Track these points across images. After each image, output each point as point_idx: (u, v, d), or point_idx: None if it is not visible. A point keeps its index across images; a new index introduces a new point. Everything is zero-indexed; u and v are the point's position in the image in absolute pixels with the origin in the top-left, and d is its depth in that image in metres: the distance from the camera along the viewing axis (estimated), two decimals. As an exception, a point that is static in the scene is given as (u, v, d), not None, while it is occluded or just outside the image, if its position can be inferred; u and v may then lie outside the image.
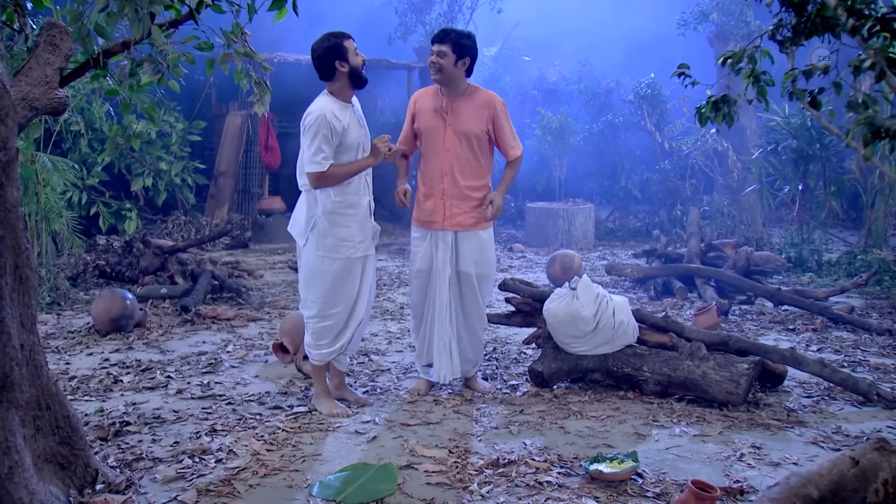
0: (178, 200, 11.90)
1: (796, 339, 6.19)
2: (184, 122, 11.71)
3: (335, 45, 4.37)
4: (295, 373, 5.12)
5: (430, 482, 3.49)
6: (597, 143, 13.02)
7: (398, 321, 6.85)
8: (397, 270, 9.71)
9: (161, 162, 11.32)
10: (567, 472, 3.59)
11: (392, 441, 4.00)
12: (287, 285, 8.48)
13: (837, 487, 1.99)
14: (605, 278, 8.74)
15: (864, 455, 2.06)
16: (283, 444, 3.90)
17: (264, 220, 11.86)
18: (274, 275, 9.19)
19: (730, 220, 10.60)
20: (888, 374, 5.25)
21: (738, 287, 7.46)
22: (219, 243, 11.08)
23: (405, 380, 5.08)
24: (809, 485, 1.98)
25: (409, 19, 13.35)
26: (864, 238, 9.85)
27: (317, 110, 4.33)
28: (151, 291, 7.26)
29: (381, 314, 7.13)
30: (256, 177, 12.74)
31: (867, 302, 7.67)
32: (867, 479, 2.00)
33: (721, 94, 2.55)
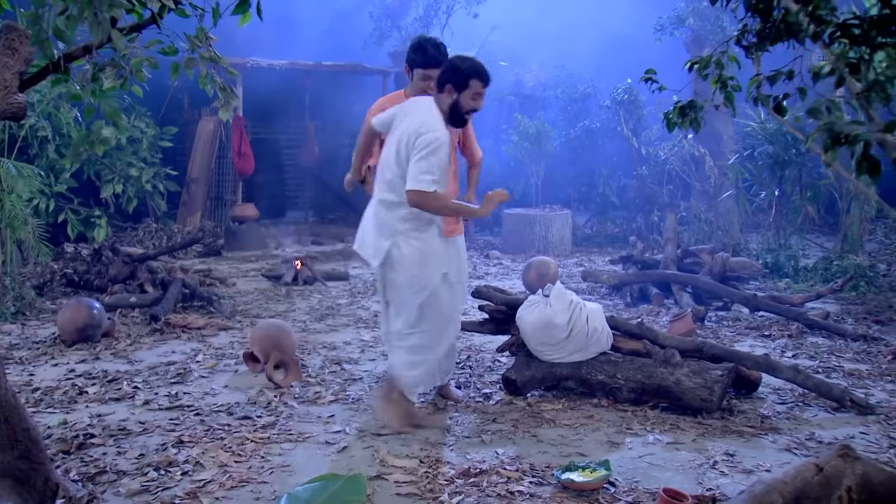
0: (149, 207, 11.81)
1: (772, 345, 6.24)
2: (155, 128, 11.63)
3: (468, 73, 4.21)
4: (265, 382, 5.08)
5: (400, 492, 3.48)
6: (574, 148, 13.07)
7: (371, 329, 6.83)
8: (372, 278, 9.68)
9: (131, 168, 11.23)
10: (539, 481, 3.59)
11: (362, 451, 3.98)
12: (260, 293, 8.44)
13: (801, 495, 2.00)
14: (581, 285, 8.76)
15: (829, 462, 2.07)
16: (251, 455, 3.88)
17: (237, 228, 11.80)
18: (247, 283, 9.14)
19: (707, 226, 10.67)
20: (862, 380, 5.31)
21: (715, 293, 7.52)
22: (191, 251, 11.00)
23: (377, 388, 5.05)
24: (773, 492, 1.99)
25: (385, 24, 13.37)
26: (840, 243, 9.95)
27: (440, 130, 4.16)
28: (120, 300, 7.19)
29: (354, 322, 7.11)
30: (229, 183, 12.68)
31: (843, 307, 7.75)
32: (831, 487, 2.02)
33: (688, 100, 2.57)
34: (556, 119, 13.59)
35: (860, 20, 1.83)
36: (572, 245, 12.04)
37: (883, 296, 8.16)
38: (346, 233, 13.64)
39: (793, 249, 9.71)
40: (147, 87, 3.47)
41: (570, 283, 8.90)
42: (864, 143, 1.74)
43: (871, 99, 1.82)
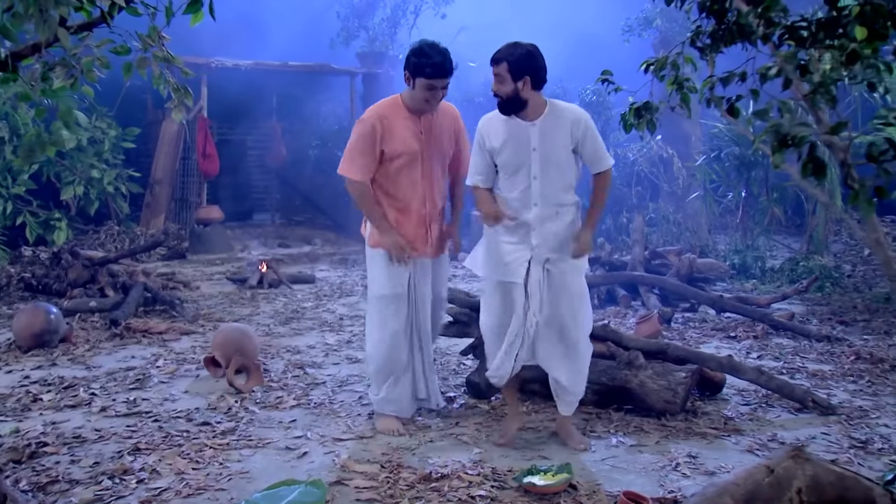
0: (111, 210, 11.67)
1: (737, 347, 6.31)
2: (117, 129, 11.49)
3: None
4: (226, 387, 5.04)
5: (360, 498, 3.46)
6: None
7: (336, 332, 6.80)
8: (339, 281, 9.65)
9: (93, 170, 11.09)
10: (500, 485, 3.59)
11: (323, 456, 3.96)
12: (224, 297, 8.37)
13: (752, 497, 2.02)
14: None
15: (780, 464, 2.09)
16: (210, 461, 3.84)
17: (202, 230, 11.70)
18: (211, 286, 9.06)
19: (675, 227, 10.76)
20: (825, 381, 5.37)
21: (682, 295, 7.58)
22: (154, 254, 10.90)
23: (340, 393, 5.04)
24: (725, 495, 2.00)
25: (352, 24, 13.35)
26: (806, 244, 10.08)
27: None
28: (79, 305, 7.09)
29: (318, 326, 7.07)
30: (194, 185, 12.58)
31: (808, 308, 7.85)
32: (782, 488, 2.04)
33: (643, 102, 2.59)
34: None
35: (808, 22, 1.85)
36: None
37: (847, 296, 8.29)
38: (314, 235, 13.61)
39: (760, 250, 9.82)
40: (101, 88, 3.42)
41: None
42: (809, 145, 1.76)
43: (816, 101, 1.85)
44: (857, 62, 1.72)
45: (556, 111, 3.95)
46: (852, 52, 1.72)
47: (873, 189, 1.73)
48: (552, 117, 3.93)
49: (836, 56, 1.74)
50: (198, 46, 11.46)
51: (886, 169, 1.71)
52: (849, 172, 1.78)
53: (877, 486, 2.13)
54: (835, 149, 1.86)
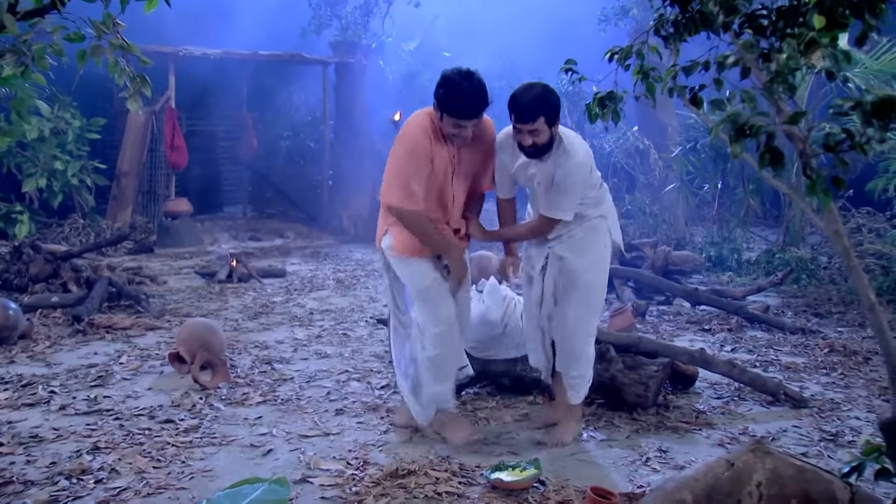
0: (75, 203, 11.53)
1: (712, 340, 6.35)
2: (81, 119, 11.34)
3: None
4: (191, 384, 5.00)
5: (325, 496, 3.45)
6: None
7: (306, 327, 6.77)
8: (310, 274, 9.61)
9: (56, 161, 10.94)
10: (468, 481, 3.60)
11: (288, 454, 3.94)
12: (192, 291, 8.31)
13: (712, 491, 2.03)
14: (523, 280, 8.79)
15: (740, 458, 2.10)
16: (172, 460, 3.81)
17: (170, 224, 11.60)
18: (179, 281, 8.99)
19: (652, 219, 10.82)
20: (798, 373, 5.43)
21: (657, 287, 7.62)
22: (121, 248, 10.79)
23: (308, 389, 5.01)
24: (684, 489, 2.01)
25: (324, 13, 13.26)
26: (783, 236, 10.17)
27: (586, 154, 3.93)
28: (41, 300, 7.00)
29: (288, 320, 7.04)
30: (162, 177, 12.47)
31: (784, 300, 7.93)
32: (741, 482, 2.05)
33: (607, 91, 2.59)
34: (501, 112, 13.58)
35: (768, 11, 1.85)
36: (517, 239, 12.06)
37: (823, 288, 8.37)
38: (286, 228, 13.54)
39: (736, 242, 9.90)
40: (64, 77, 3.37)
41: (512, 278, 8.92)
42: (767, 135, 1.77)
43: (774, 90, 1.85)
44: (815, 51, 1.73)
45: (561, 152, 3.84)
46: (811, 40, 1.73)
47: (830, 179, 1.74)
48: (555, 159, 3.86)
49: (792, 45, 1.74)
50: (165, 35, 11.34)
51: (843, 159, 1.73)
52: (807, 162, 1.79)
53: (837, 479, 2.15)
54: (794, 139, 1.87)
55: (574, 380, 4.16)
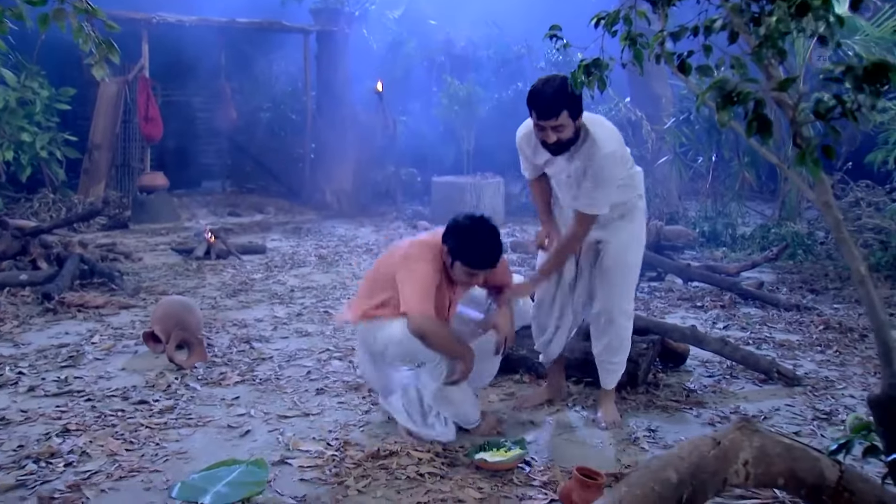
0: (45, 176, 11.42)
1: (704, 317, 6.39)
2: (49, 89, 11.19)
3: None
4: (166, 363, 4.99)
5: (304, 478, 3.46)
6: (507, 112, 13.04)
7: (286, 305, 6.76)
8: (291, 251, 9.59)
9: (24, 133, 10.80)
10: (451, 462, 3.61)
11: (267, 435, 3.95)
12: (168, 268, 8.27)
13: (697, 470, 2.04)
14: (511, 256, 8.82)
15: (726, 436, 2.12)
16: (145, 442, 3.80)
17: (145, 198, 11.53)
18: (154, 257, 8.95)
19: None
20: (792, 351, 5.46)
21: (648, 263, 7.61)
22: (94, 224, 10.73)
23: (287, 368, 5.02)
24: (668, 468, 2.02)
25: (304, -22, 13.11)
26: (779, 210, 10.20)
27: (617, 141, 3.83)
28: (8, 278, 6.95)
29: (268, 298, 7.03)
30: (136, 150, 12.37)
31: (779, 276, 7.97)
32: (728, 460, 2.06)
33: (592, 58, 2.57)
34: (488, 81, 13.57)
35: (759, -28, 1.84)
36: (505, 215, 12.10)
37: (820, 264, 8.41)
38: (266, 203, 13.49)
39: (731, 217, 9.93)
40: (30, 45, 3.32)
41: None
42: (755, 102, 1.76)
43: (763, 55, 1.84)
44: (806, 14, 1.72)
45: (590, 143, 3.73)
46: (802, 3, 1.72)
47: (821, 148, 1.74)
48: (585, 151, 3.74)
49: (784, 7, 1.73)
50: (138, 0, 11.21)
51: (834, 127, 1.72)
52: (798, 131, 1.78)
53: (825, 457, 2.16)
54: (784, 106, 1.86)
55: (615, 365, 4.17)
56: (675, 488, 2.02)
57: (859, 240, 8.92)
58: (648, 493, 1.98)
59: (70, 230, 9.79)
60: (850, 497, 2.14)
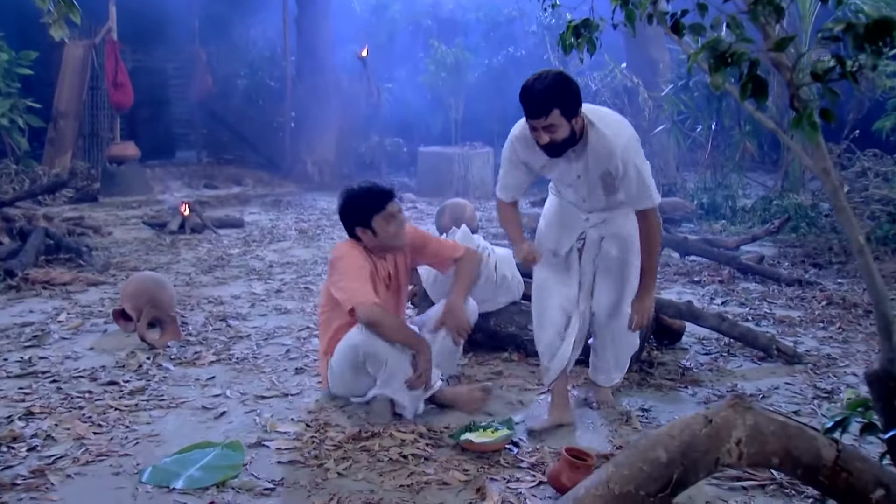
0: (6, 146, 11.33)
1: (701, 292, 6.41)
2: (9, 52, 11.08)
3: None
4: (137, 343, 4.98)
5: (281, 460, 3.47)
6: (497, 79, 13.05)
7: (265, 281, 6.76)
8: (270, 225, 9.57)
9: (-19, 99, 10.72)
10: (435, 443, 3.62)
11: (243, 416, 3.95)
12: (140, 243, 8.25)
13: (688, 449, 2.05)
14: (500, 229, 8.80)
15: (718, 413, 2.12)
16: (115, 425, 3.80)
17: (116, 169, 11.47)
18: (125, 232, 8.93)
19: (640, 164, 10.79)
20: (793, 328, 5.49)
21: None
22: (61, 196, 10.69)
23: (265, 347, 5.02)
24: (658, 447, 2.03)
25: (283, -65, 13.00)
26: (781, 181, 10.23)
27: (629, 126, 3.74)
28: (-31, 254, 6.92)
29: (245, 274, 7.02)
30: (105, 118, 12.30)
31: (781, 250, 8.00)
32: (720, 439, 2.07)
33: (582, 19, 2.56)
34: (477, 46, 13.51)
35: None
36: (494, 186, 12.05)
37: (823, 237, 8.44)
38: (244, 174, 13.44)
39: (731, 188, 9.94)
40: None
41: (488, 228, 8.96)
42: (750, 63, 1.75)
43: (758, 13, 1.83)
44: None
45: (598, 139, 3.59)
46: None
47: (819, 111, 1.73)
48: (594, 148, 3.61)
49: (780, -38, 1.72)
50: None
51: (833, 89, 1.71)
52: (795, 94, 1.77)
53: (822, 435, 2.18)
54: (781, 67, 1.85)
55: (616, 379, 4.15)
56: (664, 468, 2.03)
57: (866, 212, 8.97)
58: (637, 474, 1.99)
59: (34, 203, 9.74)
60: (847, 477, 2.16)
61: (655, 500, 2.02)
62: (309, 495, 3.16)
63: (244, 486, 3.24)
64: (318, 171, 13.06)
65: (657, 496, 2.03)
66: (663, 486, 2.05)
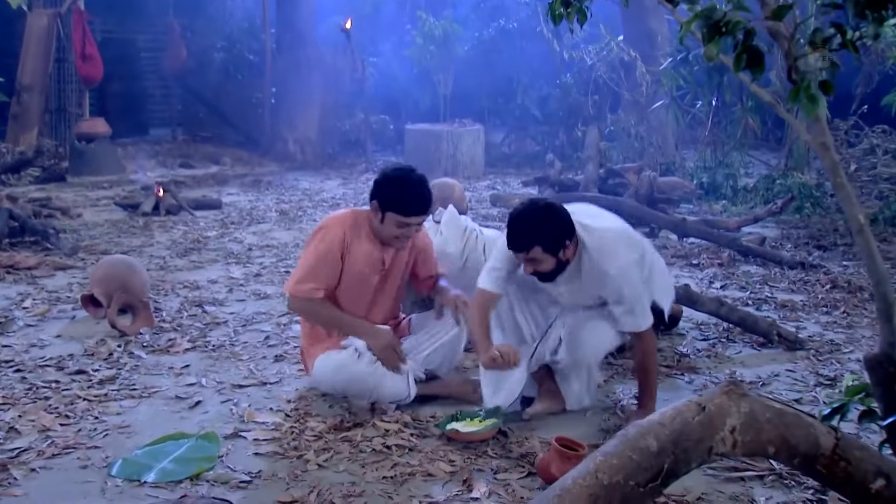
0: (-34, 123, 11.26)
1: (700, 275, 6.44)
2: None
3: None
4: (108, 330, 4.97)
5: (259, 452, 3.48)
6: (488, 53, 13.03)
7: (244, 265, 6.75)
8: (249, 206, 9.55)
9: (-63, 72, 10.61)
10: (421, 433, 3.64)
11: (219, 406, 3.96)
12: (111, 225, 8.24)
13: (680, 437, 2.06)
14: (491, 210, 8.83)
15: (712, 400, 2.13)
16: (83, 416, 3.79)
17: (85, 147, 11.42)
18: (96, 213, 8.91)
19: (637, 142, 10.82)
20: (795, 312, 5.52)
21: (640, 218, 7.65)
22: (27, 176, 10.65)
23: (244, 333, 5.02)
24: (648, 436, 2.04)
25: None
26: (785, 160, 10.24)
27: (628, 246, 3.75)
28: (-72, 236, 6.89)
29: (223, 257, 7.01)
30: (73, 93, 12.23)
31: (784, 232, 8.03)
32: (713, 427, 2.08)
33: (572, -15, 2.55)
34: (467, 17, 13.48)
35: None
36: (485, 165, 12.09)
37: (829, 218, 8.48)
38: (222, 153, 13.40)
39: (732, 167, 9.95)
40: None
41: (479, 209, 8.96)
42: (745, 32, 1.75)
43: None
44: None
45: (591, 266, 3.62)
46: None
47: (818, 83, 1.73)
48: (588, 273, 3.65)
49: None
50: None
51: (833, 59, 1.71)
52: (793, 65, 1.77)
53: (820, 422, 2.19)
54: (778, 37, 1.85)
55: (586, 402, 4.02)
56: (654, 457, 2.04)
57: (874, 191, 9.00)
58: (626, 463, 2.00)
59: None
60: (846, 466, 2.17)
61: (646, 491, 2.04)
62: (288, 488, 3.17)
63: (219, 478, 3.25)
64: (299, 149, 13.02)
65: (647, 487, 2.04)
66: (654, 476, 2.06)
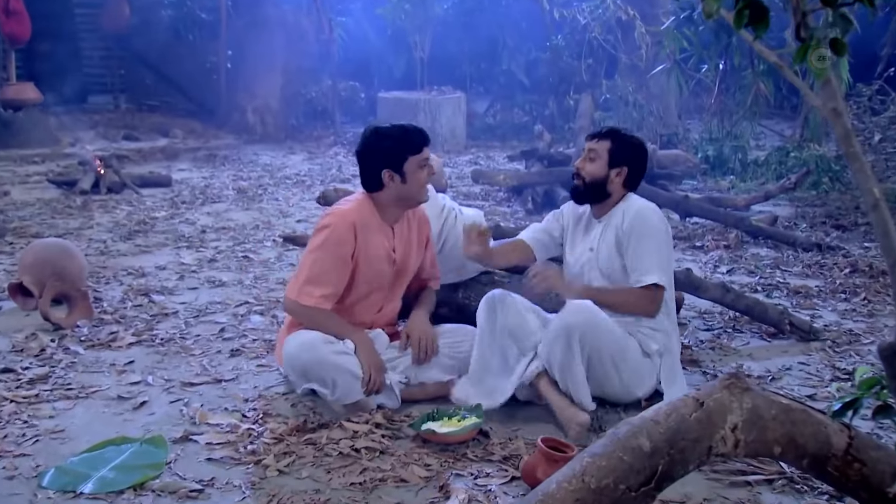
0: None
1: (704, 259, 6.48)
2: None
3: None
4: (40, 322, 4.95)
5: (212, 457, 3.47)
6: (470, 12, 13.00)
7: (196, 249, 6.74)
8: (203, 183, 9.52)
9: None
10: (393, 434, 3.65)
11: (167, 406, 3.95)
12: (43, 205, 8.21)
13: (675, 436, 2.06)
14: (473, 188, 8.83)
15: (711, 396, 2.14)
16: (10, 420, 3.77)
17: (12, 116, 11.41)
18: (25, 191, 8.90)
19: (636, 111, 10.82)
20: (810, 299, 5.56)
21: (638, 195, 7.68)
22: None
23: (196, 325, 5.02)
24: (640, 435, 2.04)
25: None
26: (801, 130, 10.28)
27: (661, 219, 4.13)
28: None
29: (173, 241, 7.00)
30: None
31: (798, 210, 8.09)
32: (713, 425, 2.09)
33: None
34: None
35: None
36: (467, 138, 12.10)
37: (849, 194, 8.53)
38: (172, 124, 13.35)
39: (741, 139, 9.98)
40: None
41: (459, 186, 8.96)
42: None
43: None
44: None
45: (621, 211, 4.01)
46: None
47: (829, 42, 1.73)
48: (616, 217, 4.01)
49: None
50: None
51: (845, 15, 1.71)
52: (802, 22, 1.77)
53: (832, 420, 2.20)
54: (784, -10, 1.85)
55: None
56: (648, 458, 2.05)
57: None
58: (616, 465, 2.00)
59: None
60: (860, 468, 2.19)
61: (638, 495, 2.04)
62: (244, 497, 3.17)
63: (167, 487, 3.24)
64: (259, 120, 12.98)
65: (640, 490, 2.04)
66: (647, 479, 2.06)
